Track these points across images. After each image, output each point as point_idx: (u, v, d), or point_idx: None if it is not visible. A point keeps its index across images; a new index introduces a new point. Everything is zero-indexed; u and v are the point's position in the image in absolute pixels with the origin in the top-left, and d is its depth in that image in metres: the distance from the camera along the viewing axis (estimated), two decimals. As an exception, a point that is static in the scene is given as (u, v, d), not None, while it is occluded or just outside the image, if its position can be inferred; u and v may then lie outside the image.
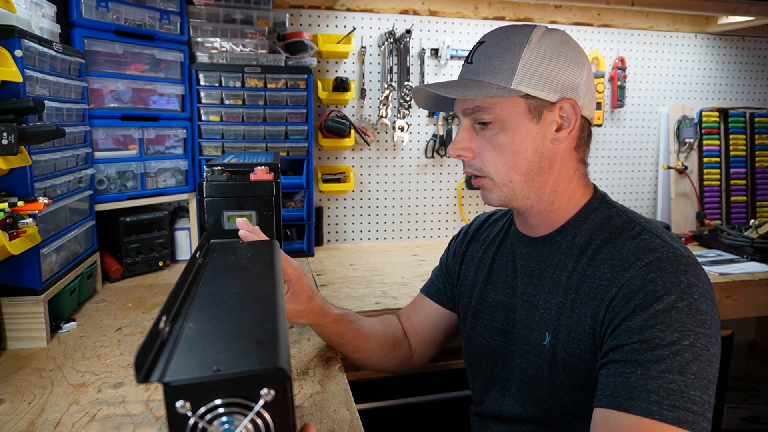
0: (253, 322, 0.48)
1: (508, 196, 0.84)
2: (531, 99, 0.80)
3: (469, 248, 1.04)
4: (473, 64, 0.84)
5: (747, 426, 2.03)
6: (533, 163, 0.82)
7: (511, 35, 0.81)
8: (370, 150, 1.97)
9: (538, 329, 0.85)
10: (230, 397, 0.39)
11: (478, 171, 0.85)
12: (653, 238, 0.76)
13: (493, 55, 0.81)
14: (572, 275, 0.81)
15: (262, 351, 0.42)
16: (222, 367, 0.39)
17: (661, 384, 0.63)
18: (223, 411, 0.39)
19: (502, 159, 0.82)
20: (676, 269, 0.71)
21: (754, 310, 1.59)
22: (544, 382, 0.83)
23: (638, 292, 0.71)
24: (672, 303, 0.68)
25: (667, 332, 0.66)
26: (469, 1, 1.96)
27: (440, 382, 1.36)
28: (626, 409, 0.64)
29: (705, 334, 0.66)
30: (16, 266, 1.00)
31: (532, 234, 0.90)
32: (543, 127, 0.81)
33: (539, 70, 0.79)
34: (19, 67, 0.96)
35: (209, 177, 1.01)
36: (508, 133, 0.81)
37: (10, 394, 0.86)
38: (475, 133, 0.84)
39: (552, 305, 0.83)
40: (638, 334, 0.68)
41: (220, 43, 1.64)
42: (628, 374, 0.66)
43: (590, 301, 0.77)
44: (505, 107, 0.80)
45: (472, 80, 0.83)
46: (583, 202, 0.86)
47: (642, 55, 2.19)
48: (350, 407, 0.84)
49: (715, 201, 2.22)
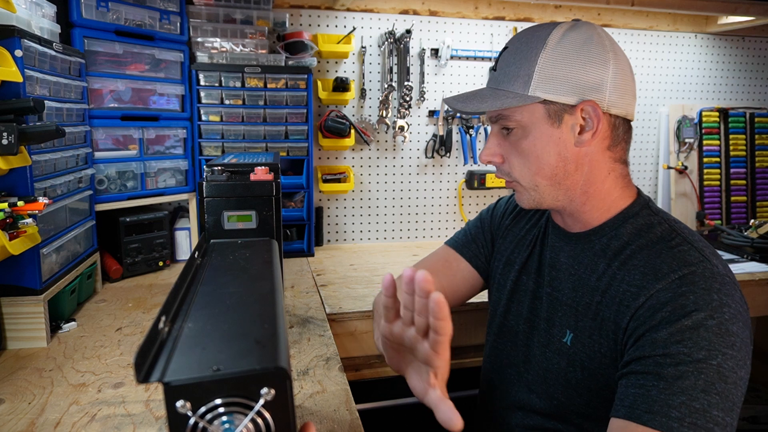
0: (252, 322, 0.48)
1: (536, 199, 0.85)
2: (550, 104, 0.79)
3: (513, 222, 1.03)
4: (497, 72, 0.85)
5: (747, 426, 2.03)
6: (558, 168, 0.82)
7: (530, 39, 0.81)
8: (370, 150, 1.97)
9: (559, 325, 0.85)
10: (230, 397, 0.39)
11: (507, 176, 0.87)
12: (692, 251, 0.74)
13: (512, 62, 0.82)
14: (601, 277, 0.80)
15: (261, 350, 0.42)
16: (222, 366, 0.39)
17: (683, 400, 0.62)
18: (224, 410, 0.39)
19: (526, 164, 0.83)
20: (709, 287, 0.68)
21: (754, 310, 1.59)
22: (560, 380, 0.83)
23: (667, 305, 0.69)
24: (701, 320, 0.66)
25: (694, 349, 0.64)
26: (469, 1, 1.96)
27: (440, 382, 1.36)
28: (645, 423, 0.62)
29: (733, 356, 0.64)
30: (16, 266, 1.00)
31: (568, 229, 0.89)
32: (565, 131, 0.80)
33: (556, 73, 0.78)
34: (19, 67, 0.96)
35: (209, 177, 1.00)
36: (529, 138, 0.81)
37: (10, 394, 0.86)
38: (504, 139, 0.85)
39: (577, 305, 0.82)
40: (663, 347, 0.66)
41: (220, 43, 1.64)
42: (650, 387, 0.64)
43: (616, 306, 0.76)
44: (524, 114, 0.81)
45: (492, 89, 0.84)
46: (622, 204, 0.84)
47: (642, 55, 2.19)
48: (350, 407, 0.84)
49: (715, 201, 2.22)
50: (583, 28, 0.80)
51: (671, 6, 1.84)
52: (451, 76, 2.00)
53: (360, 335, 1.27)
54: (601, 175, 0.83)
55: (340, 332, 1.25)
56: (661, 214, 0.83)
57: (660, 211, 0.84)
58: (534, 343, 0.90)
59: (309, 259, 1.75)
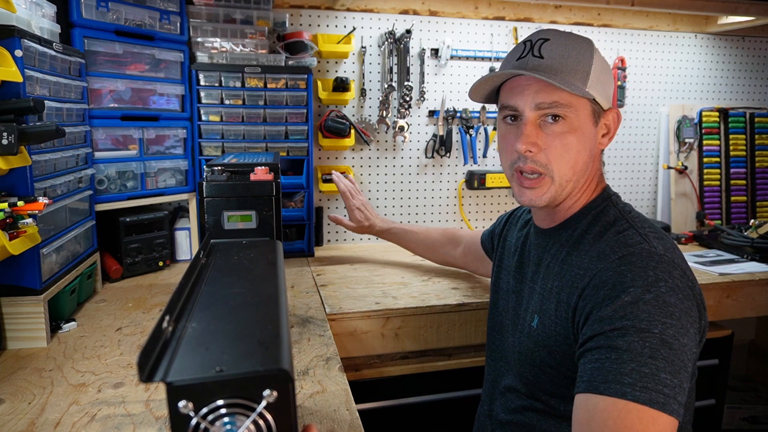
0: (255, 323, 0.49)
1: (560, 194, 0.88)
2: (595, 104, 0.85)
3: (508, 232, 1.14)
4: (545, 59, 0.83)
5: (747, 426, 2.03)
6: (586, 165, 0.87)
7: (575, 39, 0.85)
8: (370, 150, 1.97)
9: (530, 312, 0.92)
10: (232, 398, 0.39)
11: (543, 167, 0.86)
12: (634, 235, 0.80)
13: (567, 54, 0.83)
14: (562, 264, 0.87)
15: (264, 352, 0.42)
16: (225, 367, 0.39)
17: (633, 367, 0.66)
18: (225, 411, 0.39)
19: (566, 157, 0.85)
20: (645, 265, 0.74)
21: (754, 310, 1.59)
22: (528, 360, 0.90)
23: (607, 282, 0.75)
24: (639, 295, 0.71)
25: (636, 321, 0.69)
26: (469, 1, 1.96)
27: (440, 382, 1.36)
28: (602, 392, 0.67)
29: (673, 325, 0.69)
30: (16, 266, 1.00)
31: (543, 226, 0.97)
32: (597, 132, 0.88)
33: (601, 77, 0.85)
34: (19, 67, 0.96)
35: (209, 177, 1.00)
36: (577, 133, 0.84)
37: (10, 394, 0.86)
38: (540, 130, 0.85)
39: (543, 291, 0.90)
40: (609, 323, 0.71)
41: (220, 43, 1.64)
42: (603, 360, 0.69)
43: (568, 288, 0.83)
44: (578, 108, 0.84)
45: (551, 74, 0.82)
46: (590, 198, 0.91)
47: (642, 55, 2.19)
48: (350, 407, 0.84)
49: (715, 201, 2.22)
50: None
51: (671, 6, 1.84)
52: (451, 76, 2.00)
53: (360, 335, 1.27)
54: (592, 174, 0.92)
55: (340, 332, 1.25)
56: (620, 205, 0.90)
57: (620, 203, 0.91)
58: (515, 331, 0.98)
59: (309, 259, 1.75)
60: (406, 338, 1.31)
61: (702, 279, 1.52)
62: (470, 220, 2.10)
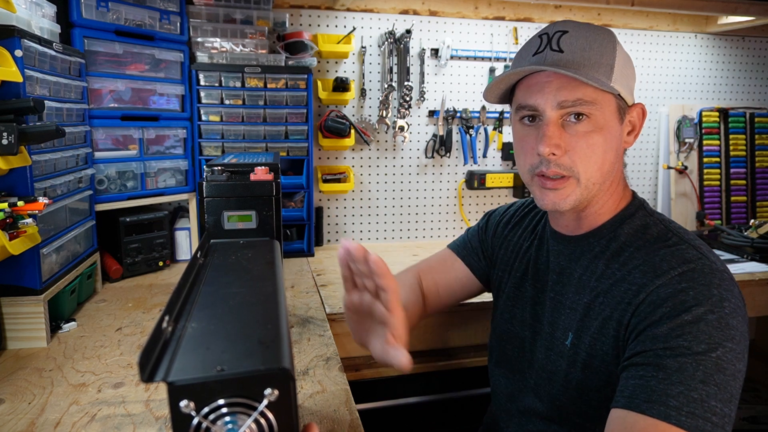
0: (255, 323, 0.49)
1: (583, 198, 0.81)
2: (620, 99, 0.79)
3: (512, 232, 1.03)
4: (565, 53, 0.77)
5: (747, 426, 2.03)
6: (613, 165, 0.81)
7: (596, 30, 0.78)
8: (370, 150, 1.97)
9: (562, 328, 0.84)
10: (234, 397, 0.39)
11: (567, 170, 0.79)
12: (689, 249, 0.75)
13: (589, 47, 0.77)
14: (601, 278, 0.80)
15: (265, 351, 0.42)
16: (226, 367, 0.39)
17: (681, 390, 0.62)
18: (227, 411, 0.39)
19: (592, 158, 0.78)
20: (709, 282, 0.69)
21: (754, 310, 1.59)
22: (561, 381, 0.83)
23: (667, 300, 0.69)
24: (701, 315, 0.66)
25: (694, 342, 0.65)
26: (469, 1, 1.96)
27: (441, 382, 1.36)
28: (643, 411, 0.63)
29: (732, 349, 0.65)
30: (16, 266, 1.00)
31: (566, 232, 0.89)
32: (623, 130, 0.81)
33: (625, 71, 0.79)
34: (19, 67, 0.96)
35: (209, 177, 1.00)
36: (603, 132, 0.78)
37: (10, 394, 0.86)
38: (563, 130, 0.78)
39: (578, 306, 0.82)
40: (663, 341, 0.66)
41: (220, 43, 1.64)
42: (649, 378, 0.65)
43: (617, 305, 0.76)
44: (603, 105, 0.77)
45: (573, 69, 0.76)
46: (621, 206, 0.85)
47: (642, 55, 2.19)
48: (350, 407, 0.84)
49: (715, 201, 2.22)
50: None
51: (671, 6, 1.84)
52: (451, 76, 2.00)
53: (360, 335, 1.27)
54: (619, 176, 0.85)
55: (340, 332, 1.25)
56: (656, 215, 0.84)
57: (654, 212, 0.85)
58: (538, 347, 0.90)
59: (309, 259, 1.75)
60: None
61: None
62: (470, 220, 2.10)
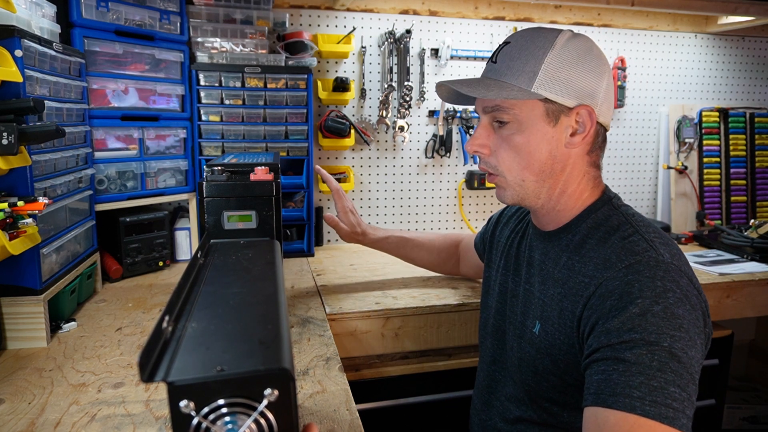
0: (255, 323, 0.49)
1: (520, 195, 0.88)
2: (549, 103, 0.82)
3: (501, 232, 1.11)
4: (497, 64, 0.85)
5: (747, 426, 2.03)
6: (546, 165, 0.85)
7: (536, 38, 0.83)
8: (370, 150, 1.97)
9: (531, 317, 0.90)
10: (234, 397, 0.39)
11: (493, 169, 0.88)
12: (640, 242, 0.78)
13: (517, 57, 0.83)
14: (562, 269, 0.86)
15: (265, 351, 0.42)
16: (226, 367, 0.39)
17: (642, 380, 0.65)
18: (227, 411, 0.39)
19: (516, 159, 0.85)
20: (653, 275, 0.73)
21: (754, 310, 1.59)
22: (530, 367, 0.88)
23: (614, 292, 0.73)
24: (647, 307, 0.70)
25: (644, 333, 0.68)
26: (469, 1, 1.96)
27: (440, 383, 1.36)
28: (610, 405, 0.66)
29: (681, 338, 0.68)
30: (16, 266, 1.00)
31: (543, 228, 0.94)
32: (559, 131, 0.84)
33: (560, 75, 0.81)
34: (19, 67, 0.96)
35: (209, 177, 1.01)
36: (525, 134, 0.83)
37: (10, 394, 0.86)
38: (493, 131, 0.87)
39: (544, 297, 0.88)
40: (616, 336, 0.70)
41: (220, 43, 1.64)
42: (611, 371, 0.68)
43: (572, 296, 0.81)
44: (524, 109, 0.82)
45: (494, 80, 0.85)
46: (589, 202, 0.89)
47: (642, 55, 2.19)
48: (350, 407, 0.84)
49: (715, 201, 2.22)
50: (584, 38, 0.85)
51: (671, 6, 1.84)
52: (451, 76, 1.99)
53: (360, 335, 1.27)
54: (578, 177, 0.88)
55: (340, 332, 1.25)
56: (622, 208, 0.87)
57: (621, 206, 0.88)
58: (512, 336, 0.95)
59: (309, 259, 1.75)
60: (406, 338, 1.31)
61: (702, 279, 1.52)
62: (470, 220, 2.10)
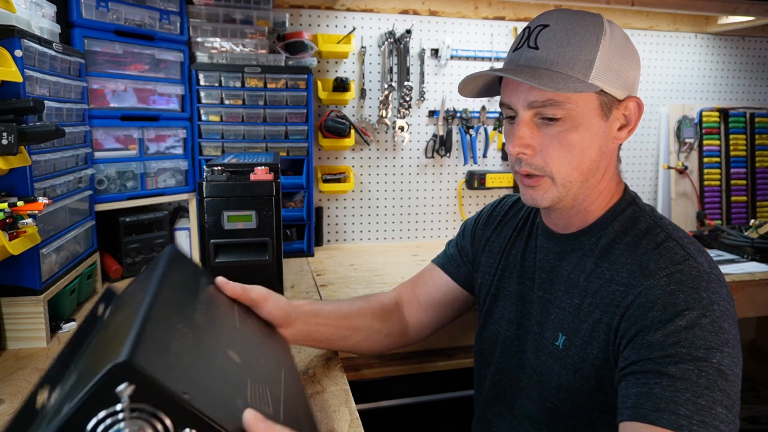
0: (123, 335, 0.45)
1: (561, 196, 0.79)
2: (604, 95, 0.75)
3: (495, 233, 1.01)
4: (540, 50, 0.75)
5: (747, 426, 2.03)
6: (594, 163, 0.78)
7: (582, 22, 0.75)
8: (370, 150, 1.97)
9: (551, 328, 0.83)
10: (106, 408, 0.38)
11: (539, 170, 0.78)
12: (677, 248, 0.73)
13: (567, 42, 0.73)
14: (590, 277, 0.79)
15: (117, 351, 0.40)
16: (86, 382, 0.38)
17: (689, 397, 0.60)
18: (111, 422, 0.38)
19: (567, 158, 0.76)
20: (697, 285, 0.68)
21: (754, 310, 1.58)
22: (552, 382, 0.81)
23: (657, 303, 0.68)
24: (695, 319, 0.65)
25: (692, 349, 0.63)
26: (469, 1, 1.96)
27: (441, 383, 1.36)
28: (653, 422, 0.61)
29: (729, 354, 0.64)
30: (16, 266, 1.00)
31: (557, 230, 0.87)
32: (609, 126, 0.77)
33: (613, 65, 0.75)
34: (19, 67, 0.96)
35: (209, 177, 1.01)
36: (579, 130, 0.75)
37: (10, 394, 0.86)
38: (537, 129, 0.77)
39: (568, 306, 0.81)
40: (660, 349, 0.65)
41: (220, 43, 1.64)
42: (652, 385, 0.63)
43: (607, 307, 0.75)
44: (580, 103, 0.74)
45: (545, 69, 0.74)
46: (614, 201, 0.83)
47: (642, 55, 2.19)
48: (350, 407, 0.84)
49: (715, 201, 2.22)
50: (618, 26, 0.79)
51: (671, 6, 1.84)
52: (451, 76, 2.00)
53: (360, 335, 1.27)
54: (611, 173, 0.82)
55: (340, 332, 1.24)
56: (647, 209, 0.82)
57: (646, 207, 0.83)
58: (526, 347, 0.88)
59: (309, 259, 1.75)
60: (406, 338, 1.31)
61: (702, 279, 1.52)
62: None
